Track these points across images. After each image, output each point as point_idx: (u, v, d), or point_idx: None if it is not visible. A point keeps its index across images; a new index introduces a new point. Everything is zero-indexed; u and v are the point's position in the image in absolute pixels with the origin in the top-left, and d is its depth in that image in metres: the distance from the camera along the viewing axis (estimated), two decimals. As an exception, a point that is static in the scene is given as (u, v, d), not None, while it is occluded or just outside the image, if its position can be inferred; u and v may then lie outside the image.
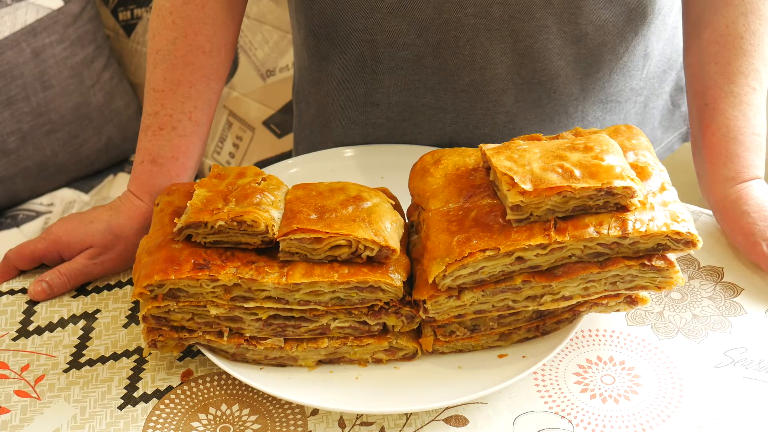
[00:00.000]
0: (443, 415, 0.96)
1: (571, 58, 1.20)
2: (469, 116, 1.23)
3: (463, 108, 1.23)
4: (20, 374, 1.02)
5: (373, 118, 1.27)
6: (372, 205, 0.99)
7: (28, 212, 1.89)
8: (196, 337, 0.98)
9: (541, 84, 1.21)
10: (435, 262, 0.93)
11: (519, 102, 1.22)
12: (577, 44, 1.19)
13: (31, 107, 1.83)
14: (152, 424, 0.96)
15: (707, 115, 1.13)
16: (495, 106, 1.22)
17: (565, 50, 1.19)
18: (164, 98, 1.16)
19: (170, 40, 1.16)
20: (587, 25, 1.17)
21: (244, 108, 1.97)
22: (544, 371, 1.00)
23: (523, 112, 1.23)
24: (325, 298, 0.95)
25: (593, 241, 0.92)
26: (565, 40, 1.18)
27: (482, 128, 1.24)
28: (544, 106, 1.23)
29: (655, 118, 1.36)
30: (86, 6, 1.91)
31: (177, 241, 0.97)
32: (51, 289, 1.11)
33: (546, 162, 0.93)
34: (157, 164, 1.15)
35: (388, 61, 1.21)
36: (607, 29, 1.19)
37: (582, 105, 1.25)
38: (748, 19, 1.12)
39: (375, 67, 1.23)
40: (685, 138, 1.44)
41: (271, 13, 1.90)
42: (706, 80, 1.14)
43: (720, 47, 1.13)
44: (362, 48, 1.22)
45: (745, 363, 1.00)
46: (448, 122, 1.24)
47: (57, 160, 1.90)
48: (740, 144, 1.11)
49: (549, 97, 1.23)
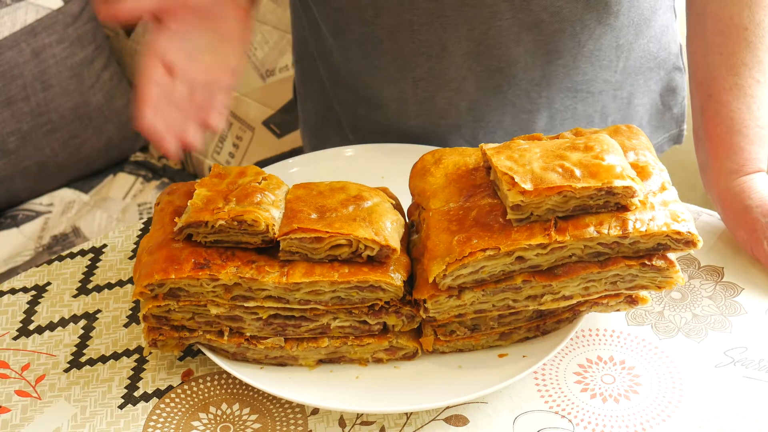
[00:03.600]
0: (443, 414, 0.96)
1: (530, 45, 1.20)
2: (431, 106, 1.24)
3: (424, 98, 1.23)
4: (21, 374, 1.02)
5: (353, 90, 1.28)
6: (372, 204, 0.99)
7: (28, 212, 1.89)
8: (197, 337, 0.98)
9: (500, 71, 1.21)
10: (435, 262, 0.93)
11: (480, 89, 1.23)
12: (533, 30, 1.19)
13: (31, 107, 1.83)
14: (153, 424, 0.96)
15: (711, 106, 1.13)
16: (456, 95, 1.23)
17: (521, 37, 1.19)
18: None
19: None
20: (541, 11, 1.17)
21: (244, 108, 1.97)
22: (545, 371, 1.00)
23: (485, 99, 1.23)
24: (326, 297, 0.95)
25: (593, 241, 0.92)
26: (520, 27, 1.18)
27: (447, 118, 1.24)
28: (505, 92, 1.23)
29: (643, 117, 1.36)
30: (86, 6, 1.92)
31: (177, 241, 0.97)
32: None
33: (546, 161, 0.93)
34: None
35: (354, 34, 1.22)
36: (563, 15, 1.18)
37: (546, 91, 1.25)
38: (752, 10, 1.12)
39: (345, 38, 1.24)
40: (676, 140, 1.44)
41: (271, 13, 1.90)
42: (710, 71, 1.14)
43: (724, 38, 1.13)
44: (333, 16, 1.23)
45: (746, 362, 1.00)
46: (412, 115, 1.25)
47: (57, 160, 1.90)
48: (744, 136, 1.11)
49: (509, 83, 1.23)
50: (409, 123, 1.26)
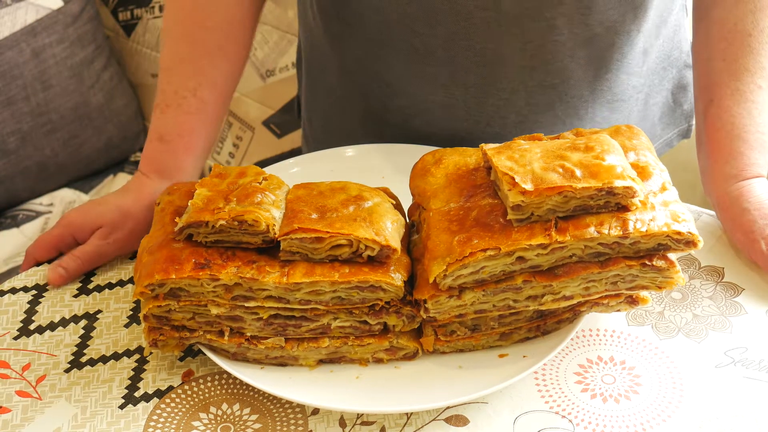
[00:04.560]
0: (444, 414, 0.96)
1: (583, 61, 1.20)
2: (480, 113, 1.23)
3: (473, 104, 1.22)
4: (21, 374, 1.02)
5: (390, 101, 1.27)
6: (373, 204, 0.99)
7: (28, 212, 1.89)
8: (197, 337, 0.98)
9: (553, 87, 1.21)
10: (436, 262, 0.93)
11: (530, 105, 1.22)
12: (588, 47, 1.18)
13: (31, 107, 1.83)
14: (153, 424, 0.96)
15: (712, 111, 1.13)
16: (506, 105, 1.22)
17: (576, 52, 1.19)
18: (170, 75, 1.17)
19: (175, 18, 1.16)
20: (597, 26, 1.17)
21: (244, 108, 1.97)
22: (545, 371, 1.00)
23: (534, 115, 1.23)
24: (326, 297, 0.95)
25: (594, 241, 0.92)
26: (575, 42, 1.17)
27: (493, 126, 1.23)
28: (555, 108, 1.23)
29: (656, 114, 1.36)
30: (86, 6, 1.91)
31: (178, 241, 0.97)
32: (67, 273, 1.12)
33: (547, 162, 0.93)
34: (163, 141, 1.16)
35: (398, 43, 1.21)
36: (616, 29, 1.18)
37: (591, 106, 1.25)
38: (756, 16, 1.12)
39: (387, 50, 1.22)
40: (685, 135, 1.44)
41: (271, 13, 1.90)
42: (713, 76, 1.14)
43: (728, 44, 1.13)
44: (373, 29, 1.21)
45: (746, 363, 1.00)
46: (460, 119, 1.24)
47: (57, 160, 1.90)
48: (744, 142, 1.11)
49: (560, 100, 1.22)
50: (457, 126, 1.25)
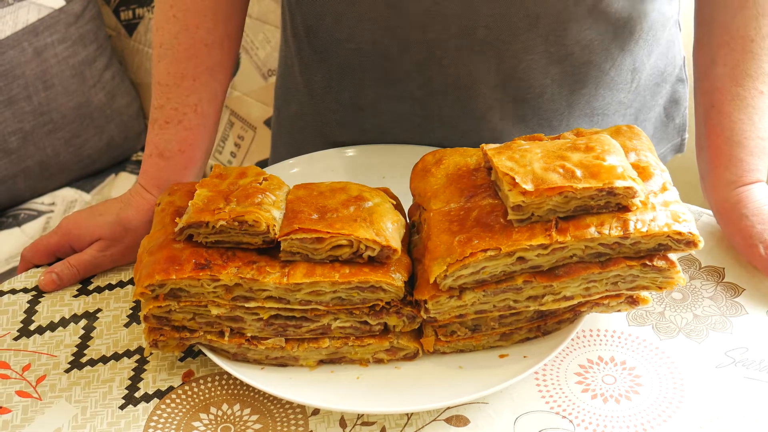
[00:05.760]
0: (444, 415, 0.96)
1: (557, 76, 1.20)
2: (455, 127, 1.24)
3: (449, 120, 1.24)
4: (21, 374, 1.02)
5: (361, 123, 1.27)
6: (373, 204, 0.99)
7: (30, 212, 1.89)
8: (198, 337, 0.98)
9: (526, 102, 1.21)
10: (436, 262, 0.93)
11: (505, 119, 1.23)
12: (562, 63, 1.19)
13: (33, 107, 1.83)
14: (153, 424, 0.96)
15: (713, 116, 1.13)
16: (481, 122, 1.23)
17: (550, 69, 1.19)
18: (169, 92, 1.17)
19: (173, 34, 1.17)
20: (573, 45, 1.17)
21: (246, 108, 1.97)
22: (545, 371, 1.00)
23: (509, 128, 1.24)
24: (327, 298, 0.95)
25: (594, 242, 0.92)
26: (550, 59, 1.18)
27: (469, 137, 1.24)
28: (528, 121, 1.23)
29: (648, 130, 1.36)
30: (88, 5, 1.92)
31: (178, 241, 0.97)
32: (60, 280, 1.12)
33: (547, 162, 0.93)
34: (164, 158, 1.17)
35: (372, 70, 1.22)
36: (593, 48, 1.19)
37: (567, 119, 1.25)
38: (759, 22, 1.12)
39: (360, 76, 1.23)
40: (678, 149, 1.44)
41: (272, 12, 1.90)
42: (714, 81, 1.13)
43: (730, 49, 1.13)
44: (346, 56, 1.22)
45: (746, 363, 1.00)
46: (437, 130, 1.25)
47: (58, 159, 1.90)
48: (744, 148, 1.11)
49: (534, 113, 1.23)
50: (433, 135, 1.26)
